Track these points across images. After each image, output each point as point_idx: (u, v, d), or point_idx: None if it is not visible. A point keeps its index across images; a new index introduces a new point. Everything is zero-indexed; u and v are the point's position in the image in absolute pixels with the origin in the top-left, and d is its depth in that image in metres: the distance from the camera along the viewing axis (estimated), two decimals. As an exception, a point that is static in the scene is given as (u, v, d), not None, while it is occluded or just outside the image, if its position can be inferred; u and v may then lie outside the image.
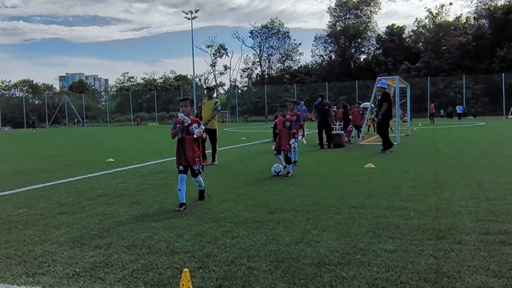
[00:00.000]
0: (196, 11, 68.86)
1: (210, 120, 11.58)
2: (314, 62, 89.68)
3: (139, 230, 5.16)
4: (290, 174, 9.08)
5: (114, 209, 6.34)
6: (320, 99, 16.66)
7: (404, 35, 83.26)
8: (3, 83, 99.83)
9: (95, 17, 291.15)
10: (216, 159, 11.83)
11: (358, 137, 19.11)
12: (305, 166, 10.82)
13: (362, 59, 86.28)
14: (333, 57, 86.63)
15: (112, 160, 13.27)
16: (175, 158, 6.50)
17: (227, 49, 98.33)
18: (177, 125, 6.31)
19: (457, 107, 53.92)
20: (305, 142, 17.75)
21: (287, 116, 9.39)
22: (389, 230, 4.84)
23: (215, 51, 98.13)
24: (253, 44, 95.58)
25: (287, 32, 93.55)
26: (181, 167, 6.33)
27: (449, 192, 6.84)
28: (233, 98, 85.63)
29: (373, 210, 5.76)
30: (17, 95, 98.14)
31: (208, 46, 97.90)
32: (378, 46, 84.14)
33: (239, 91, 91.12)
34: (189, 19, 69.20)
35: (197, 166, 6.36)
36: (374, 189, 7.26)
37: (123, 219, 5.72)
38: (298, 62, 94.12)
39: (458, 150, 13.70)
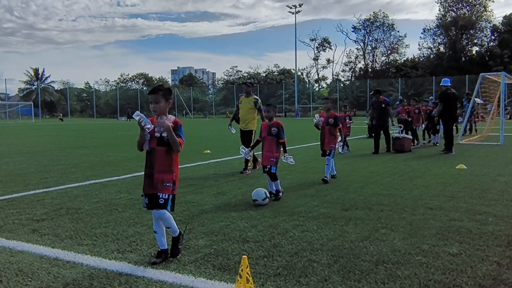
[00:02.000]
0: (300, 5, 69.41)
1: (250, 121, 10.00)
2: (422, 55, 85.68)
3: (218, 218, 5.64)
4: (281, 194, 6.88)
5: (201, 198, 6.92)
6: (376, 95, 14.11)
7: (524, 25, 76.22)
8: (122, 76, 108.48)
9: (205, 13, 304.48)
10: (249, 166, 9.68)
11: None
12: (393, 164, 10.70)
13: (474, 52, 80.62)
14: (442, 49, 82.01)
15: (209, 151, 14.13)
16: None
17: (330, 42, 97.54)
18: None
19: None
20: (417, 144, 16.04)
21: (274, 120, 7.04)
22: (460, 234, 4.81)
23: (318, 44, 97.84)
24: (357, 38, 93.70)
25: (392, 24, 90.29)
26: (146, 199, 4.13)
27: (540, 199, 6.48)
28: (335, 93, 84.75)
29: (450, 213, 5.70)
30: (134, 87, 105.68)
31: (312, 40, 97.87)
32: (493, 37, 78.03)
33: (341, 85, 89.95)
34: (293, 13, 69.95)
35: (164, 195, 4.07)
36: (458, 192, 7.08)
37: (207, 208, 6.25)
38: (404, 55, 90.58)
39: None
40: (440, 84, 13.98)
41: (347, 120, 14.64)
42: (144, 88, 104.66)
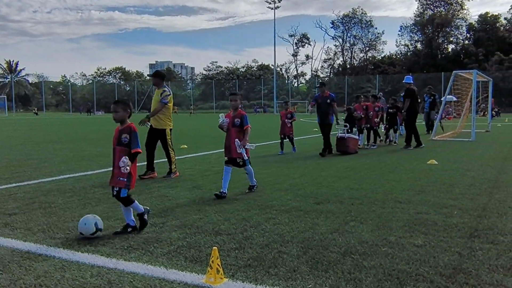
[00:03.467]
0: (279, 0, 69.41)
1: (154, 115, 8.53)
2: (399, 52, 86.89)
3: (192, 212, 5.71)
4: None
5: (176, 192, 6.97)
6: (320, 88, 12.29)
7: (498, 24, 77.95)
8: (99, 70, 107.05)
9: (184, 7, 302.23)
10: (174, 169, 8.67)
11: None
12: (366, 159, 10.91)
13: (450, 50, 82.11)
14: (418, 46, 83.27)
15: (185, 146, 14.14)
16: None
17: (309, 38, 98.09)
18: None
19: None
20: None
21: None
22: (425, 226, 4.97)
23: (297, 40, 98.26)
24: (335, 34, 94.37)
25: (370, 21, 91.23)
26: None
27: (504, 193, 6.73)
28: (313, 88, 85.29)
29: (418, 207, 5.88)
30: (111, 81, 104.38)
31: (291, 36, 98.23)
32: (468, 35, 79.60)
33: (320, 81, 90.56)
34: (272, 8, 70.06)
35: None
36: (427, 186, 7.29)
37: (181, 202, 6.31)
38: (382, 52, 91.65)
39: (537, 150, 13.00)
40: (403, 82, 14.63)
41: (287, 117, 12.70)
42: (121, 82, 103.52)
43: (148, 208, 5.23)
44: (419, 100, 15.49)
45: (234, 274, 3.65)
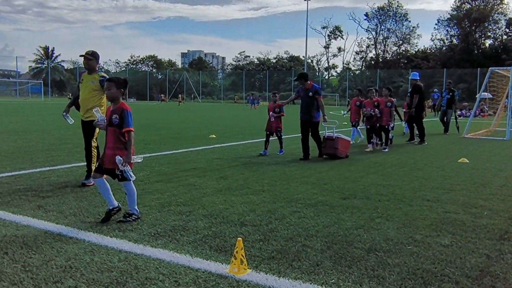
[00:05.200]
0: (313, -9, 68.63)
1: (90, 108, 6.45)
2: (434, 47, 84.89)
3: (219, 202, 5.78)
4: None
5: (203, 182, 7.05)
6: (300, 80, 10.20)
7: (541, 19, 75.14)
8: (132, 57, 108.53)
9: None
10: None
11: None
12: (395, 155, 10.77)
13: (487, 45, 79.69)
14: (454, 41, 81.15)
15: (214, 136, 14.26)
16: None
17: (342, 31, 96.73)
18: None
19: None
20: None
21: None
22: (453, 226, 4.90)
23: (330, 32, 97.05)
24: (369, 27, 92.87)
25: (405, 14, 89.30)
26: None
27: (537, 195, 6.55)
28: (344, 81, 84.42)
29: (446, 205, 5.79)
30: (143, 69, 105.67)
31: (323, 28, 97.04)
32: (507, 30, 77.06)
33: (351, 74, 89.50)
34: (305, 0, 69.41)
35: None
36: (457, 185, 7.16)
37: (208, 191, 6.38)
38: (416, 46, 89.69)
39: None
40: (410, 78, 14.73)
41: (274, 111, 10.73)
42: (154, 70, 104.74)
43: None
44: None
45: (258, 265, 3.70)
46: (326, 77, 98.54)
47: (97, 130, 6.67)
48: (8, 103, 44.69)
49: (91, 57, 6.78)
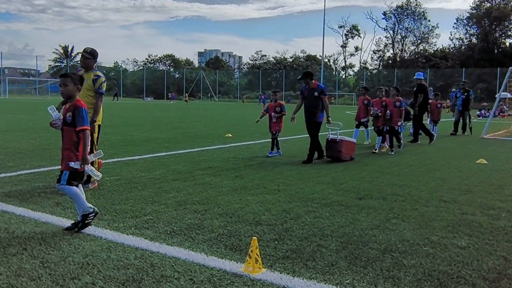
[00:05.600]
0: (330, -10, 68.48)
1: (97, 115, 6.40)
2: (452, 46, 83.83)
3: (234, 201, 5.80)
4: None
5: (219, 180, 7.08)
6: (305, 80, 9.49)
7: None
8: (149, 56, 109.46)
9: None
10: (93, 179, 6.23)
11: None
12: (411, 156, 10.68)
13: (507, 44, 78.39)
14: (474, 40, 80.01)
15: (230, 135, 14.30)
16: None
17: (359, 30, 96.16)
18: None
19: None
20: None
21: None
22: (470, 227, 4.85)
23: (347, 31, 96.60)
24: (386, 26, 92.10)
25: (424, 12, 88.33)
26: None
27: (558, 197, 6.44)
28: (361, 81, 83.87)
29: (463, 207, 5.73)
30: (161, 68, 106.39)
31: (340, 27, 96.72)
32: (529, 30, 75.70)
33: (369, 73, 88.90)
34: (322, -2, 69.23)
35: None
36: (474, 186, 7.08)
37: (224, 190, 6.41)
38: (435, 45, 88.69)
39: None
40: (415, 77, 14.78)
41: (275, 111, 10.41)
42: (171, 69, 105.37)
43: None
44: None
45: (273, 264, 3.71)
46: (343, 76, 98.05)
47: (97, 132, 6.47)
48: (28, 101, 45.45)
49: (89, 56, 6.46)
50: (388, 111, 11.26)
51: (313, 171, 8.21)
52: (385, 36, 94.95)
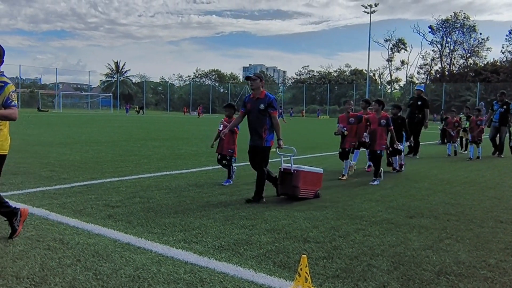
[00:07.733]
0: (376, 5, 68.04)
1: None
2: (504, 59, 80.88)
3: (281, 217, 5.76)
4: None
5: (266, 196, 7.03)
6: (247, 78, 7.12)
7: None
8: (197, 71, 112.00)
9: (278, 11, 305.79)
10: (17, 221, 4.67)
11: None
12: (464, 173, 10.30)
13: None
14: (527, 53, 77.01)
15: (274, 150, 14.24)
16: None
17: (406, 43, 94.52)
18: None
19: None
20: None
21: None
22: (531, 250, 4.61)
23: (393, 45, 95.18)
24: (433, 39, 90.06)
25: (473, 25, 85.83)
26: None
27: None
28: (407, 95, 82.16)
29: (522, 228, 5.46)
30: (207, 83, 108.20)
31: (386, 40, 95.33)
32: None
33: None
34: (368, 13, 68.63)
35: None
36: (534, 206, 6.74)
37: (271, 205, 6.39)
38: (485, 58, 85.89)
39: None
40: (416, 88, 14.74)
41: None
42: (216, 84, 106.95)
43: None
44: None
45: (322, 283, 3.64)
46: (389, 91, 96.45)
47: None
48: (81, 115, 47.23)
49: None
50: (365, 134, 9.02)
51: (360, 187, 8.07)
52: (433, 50, 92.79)
